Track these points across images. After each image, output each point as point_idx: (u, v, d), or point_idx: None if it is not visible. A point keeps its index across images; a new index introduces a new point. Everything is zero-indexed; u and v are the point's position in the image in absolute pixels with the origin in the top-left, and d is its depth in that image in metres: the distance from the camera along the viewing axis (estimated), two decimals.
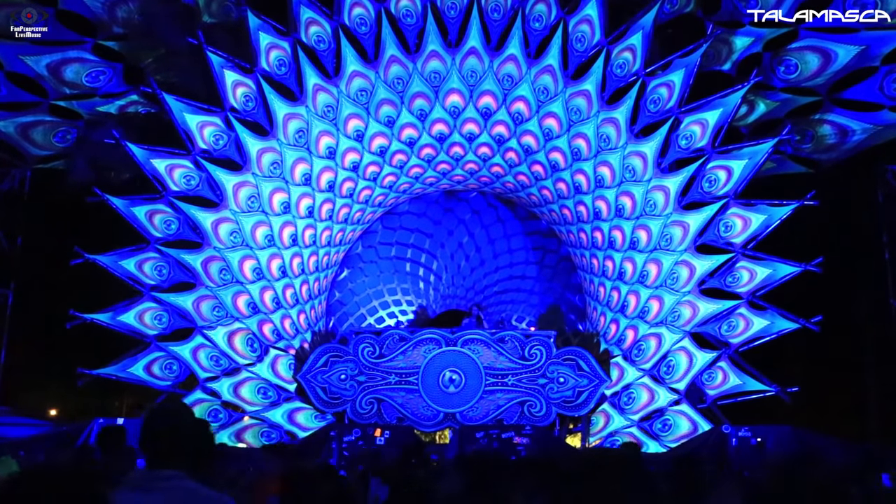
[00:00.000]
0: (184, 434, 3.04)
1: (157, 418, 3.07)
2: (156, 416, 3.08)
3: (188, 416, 3.18)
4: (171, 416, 3.10)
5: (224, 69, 15.33)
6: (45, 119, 16.27)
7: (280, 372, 17.01)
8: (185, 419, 3.13)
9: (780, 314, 15.12)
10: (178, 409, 3.20)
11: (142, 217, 15.66)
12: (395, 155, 17.60)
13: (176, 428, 3.04)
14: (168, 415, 3.12)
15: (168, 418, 3.08)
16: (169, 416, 3.10)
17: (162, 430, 3.00)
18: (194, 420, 3.19)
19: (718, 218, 15.22)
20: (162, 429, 3.01)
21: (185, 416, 3.16)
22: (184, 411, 3.21)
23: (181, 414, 3.16)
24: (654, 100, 15.40)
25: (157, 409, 3.18)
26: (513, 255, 20.08)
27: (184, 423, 3.10)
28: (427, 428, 16.35)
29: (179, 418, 3.11)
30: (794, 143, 16.16)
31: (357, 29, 16.15)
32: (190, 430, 3.11)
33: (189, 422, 3.13)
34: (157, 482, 2.84)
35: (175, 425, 3.05)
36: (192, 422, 3.16)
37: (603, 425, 16.50)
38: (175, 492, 2.82)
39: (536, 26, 15.95)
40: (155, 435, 2.98)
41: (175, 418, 3.10)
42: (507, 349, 16.44)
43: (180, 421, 3.09)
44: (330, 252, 18.31)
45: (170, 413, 3.14)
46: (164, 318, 16.25)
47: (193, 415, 3.22)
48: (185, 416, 3.16)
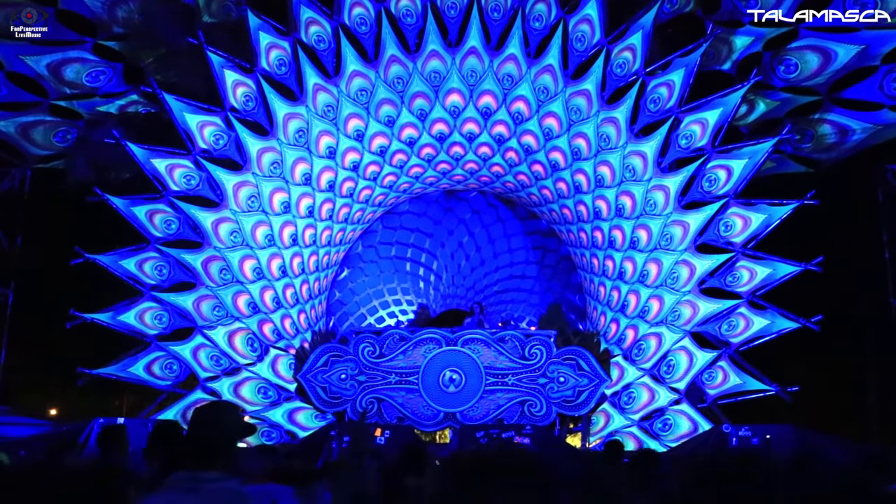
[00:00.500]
0: (229, 435, 3.04)
1: (204, 419, 3.05)
2: (202, 418, 3.07)
3: (234, 416, 3.15)
4: (218, 418, 3.08)
5: (224, 69, 15.34)
6: (45, 119, 16.29)
7: (280, 371, 17.02)
8: (231, 420, 3.10)
9: (781, 314, 15.12)
10: (223, 409, 3.17)
11: (142, 217, 15.67)
12: (396, 154, 17.62)
13: (222, 429, 3.02)
14: (215, 416, 3.10)
15: (215, 419, 3.06)
16: (216, 418, 3.07)
17: (208, 432, 2.99)
18: (240, 421, 3.17)
19: (718, 217, 15.22)
20: (207, 430, 3.00)
21: (231, 416, 3.13)
22: (230, 411, 3.18)
23: (227, 414, 3.13)
24: (654, 99, 15.40)
25: (203, 410, 3.16)
26: (513, 255, 20.08)
27: (230, 423, 3.08)
28: (427, 427, 16.35)
29: (226, 419, 3.09)
30: (794, 143, 16.16)
31: (357, 29, 16.16)
32: (236, 431, 3.09)
33: (235, 422, 3.11)
34: (201, 483, 2.84)
35: (222, 426, 3.03)
36: (239, 422, 3.14)
37: (603, 425, 16.50)
38: (221, 493, 2.81)
39: (536, 26, 15.96)
40: (200, 436, 2.99)
41: (221, 419, 3.07)
42: (507, 349, 16.44)
43: (227, 421, 3.07)
44: (330, 252, 18.32)
45: (216, 414, 3.11)
46: (164, 317, 16.25)
47: (238, 414, 3.18)
48: (231, 416, 3.13)
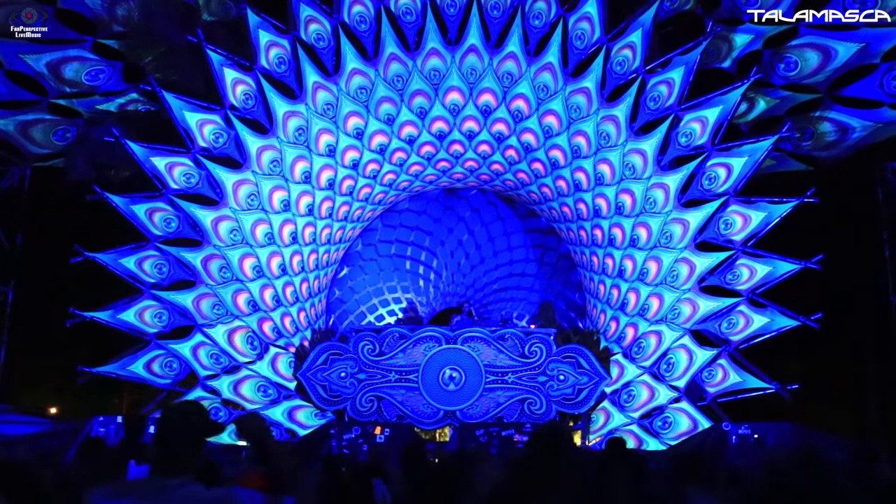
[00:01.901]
0: (194, 436, 3.04)
1: (169, 421, 3.04)
2: (167, 419, 3.06)
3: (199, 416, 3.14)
4: (183, 419, 3.06)
5: (224, 67, 15.33)
6: (44, 117, 16.27)
7: (280, 370, 17.02)
8: (197, 420, 3.09)
9: (780, 311, 15.10)
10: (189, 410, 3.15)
11: (142, 215, 15.66)
12: (395, 153, 17.61)
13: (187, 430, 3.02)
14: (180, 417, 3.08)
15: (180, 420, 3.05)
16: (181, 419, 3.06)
17: (173, 433, 2.99)
18: (206, 420, 3.15)
19: (718, 215, 15.21)
20: (173, 432, 2.99)
21: (196, 416, 3.12)
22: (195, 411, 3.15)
23: (193, 415, 3.12)
24: (653, 97, 15.39)
25: (169, 411, 3.14)
26: (513, 253, 20.08)
27: (195, 424, 3.07)
28: (427, 426, 16.36)
29: (191, 419, 3.08)
30: (794, 141, 16.14)
31: (357, 27, 16.15)
32: (201, 431, 3.08)
33: (200, 423, 3.10)
34: (167, 490, 2.85)
35: (187, 427, 3.03)
36: (205, 422, 3.12)
37: (603, 423, 16.50)
38: (186, 498, 2.83)
39: (536, 24, 15.95)
40: (165, 440, 2.99)
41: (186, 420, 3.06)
42: (507, 347, 16.44)
43: (192, 422, 3.06)
44: (330, 250, 18.32)
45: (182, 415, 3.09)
46: (164, 316, 16.25)
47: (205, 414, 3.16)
48: (196, 416, 3.12)
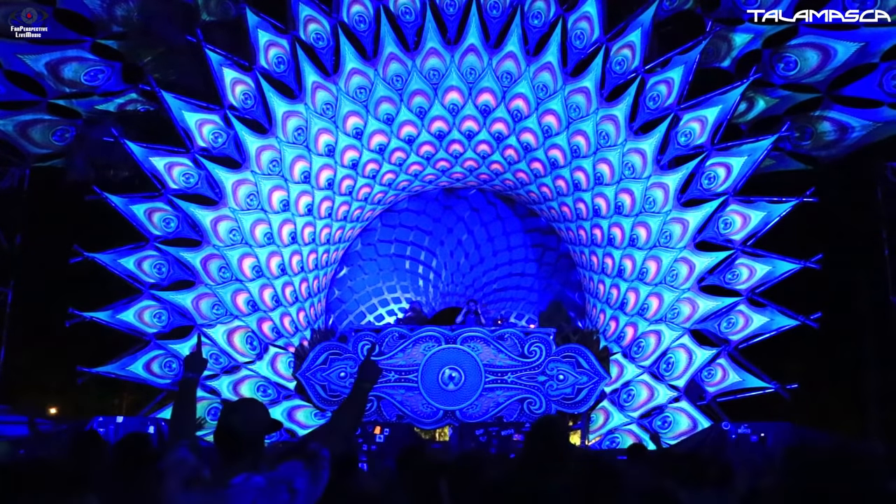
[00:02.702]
0: (256, 431, 3.04)
1: (232, 416, 3.05)
2: (231, 413, 3.07)
3: (261, 412, 3.15)
4: (247, 414, 3.08)
5: (223, 67, 15.32)
6: (43, 117, 16.26)
7: (279, 370, 17.02)
8: (259, 416, 3.10)
9: (780, 311, 15.10)
10: (251, 406, 3.17)
11: (141, 215, 15.66)
12: (395, 153, 17.61)
13: (250, 425, 3.03)
14: (243, 412, 3.09)
15: (243, 415, 3.06)
16: (244, 416, 3.07)
17: (237, 430, 3.00)
18: (268, 417, 3.16)
19: (718, 215, 15.21)
20: (237, 428, 3.00)
21: (258, 412, 3.13)
22: (257, 408, 3.17)
23: (255, 410, 3.13)
24: (653, 97, 15.39)
25: (232, 406, 3.15)
26: (512, 253, 20.08)
27: (258, 421, 3.08)
28: (427, 425, 16.35)
29: (254, 415, 3.09)
30: (794, 140, 16.14)
31: (356, 26, 16.14)
32: (263, 427, 3.10)
33: (262, 418, 3.11)
34: (228, 482, 2.87)
35: (250, 422, 3.04)
36: (266, 419, 3.14)
37: (602, 422, 16.50)
38: (248, 490, 2.83)
39: (535, 23, 15.94)
40: (229, 434, 3.00)
41: (250, 415, 3.07)
42: (506, 346, 16.44)
43: (255, 417, 3.08)
44: (329, 250, 18.32)
45: (245, 412, 3.11)
46: (163, 316, 16.25)
47: (266, 411, 3.19)
48: (258, 412, 3.13)
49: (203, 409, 16.03)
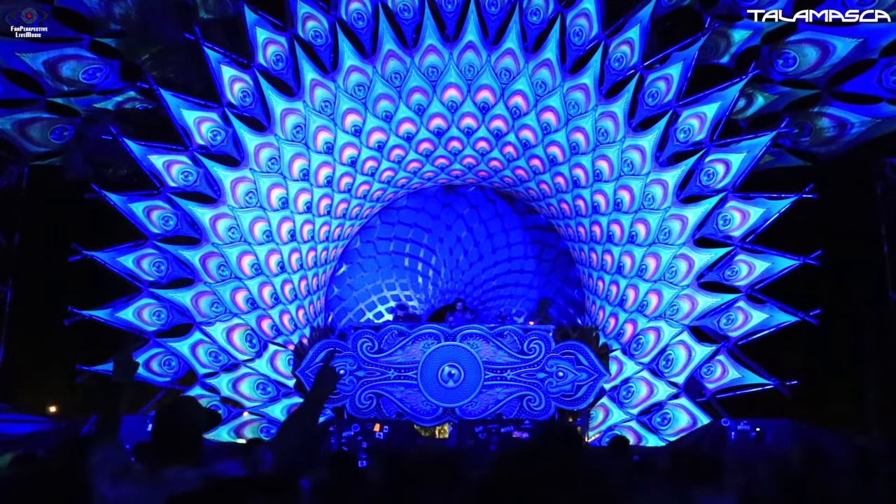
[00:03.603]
0: (193, 431, 3.06)
1: (167, 418, 3.07)
2: (165, 416, 3.09)
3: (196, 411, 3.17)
4: (181, 415, 3.10)
5: (221, 65, 15.31)
6: (42, 116, 16.25)
7: (279, 367, 17.03)
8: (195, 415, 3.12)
9: (779, 307, 15.10)
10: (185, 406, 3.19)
11: (140, 213, 15.66)
12: (393, 150, 17.60)
13: (186, 426, 3.05)
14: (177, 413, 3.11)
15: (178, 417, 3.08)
16: (179, 415, 3.09)
17: (172, 430, 3.02)
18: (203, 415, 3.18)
19: (717, 211, 15.20)
20: (172, 428, 3.02)
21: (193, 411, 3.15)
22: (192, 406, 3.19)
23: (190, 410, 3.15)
24: (652, 93, 15.37)
25: (166, 408, 3.18)
26: (511, 250, 20.07)
27: (194, 419, 3.10)
28: (426, 423, 16.35)
29: (189, 415, 3.11)
30: (793, 137, 16.12)
31: (354, 24, 16.11)
32: (200, 426, 3.12)
33: (198, 417, 3.13)
34: (163, 477, 2.90)
35: (185, 423, 3.06)
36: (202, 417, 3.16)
37: (602, 419, 16.51)
38: (178, 482, 2.85)
39: (534, 20, 15.92)
40: (163, 434, 3.02)
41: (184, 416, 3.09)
42: (505, 343, 16.43)
43: (191, 418, 3.09)
44: (328, 247, 18.31)
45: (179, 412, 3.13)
46: (162, 314, 16.25)
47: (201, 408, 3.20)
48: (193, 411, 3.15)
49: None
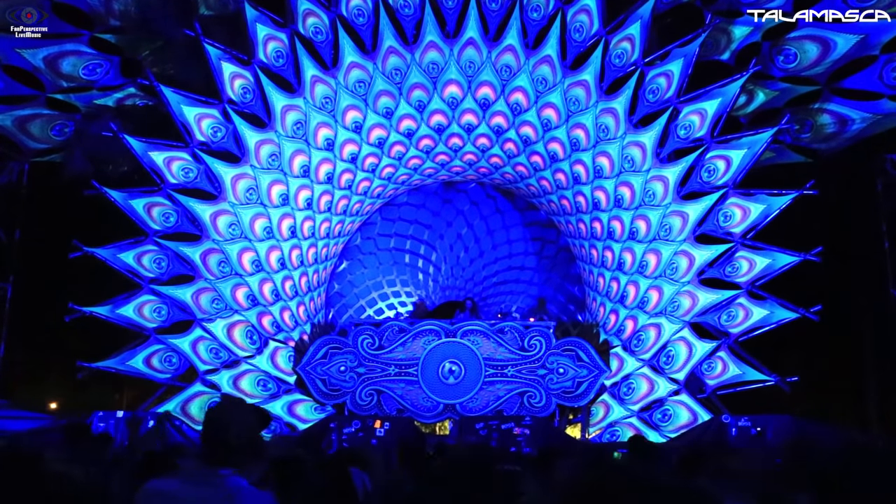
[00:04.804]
0: (244, 432, 3.04)
1: (220, 419, 3.05)
2: (218, 413, 3.08)
3: (250, 412, 3.15)
4: (235, 417, 3.08)
5: (222, 61, 15.30)
6: (42, 112, 16.22)
7: (279, 364, 17.03)
8: (249, 416, 3.11)
9: (780, 304, 15.11)
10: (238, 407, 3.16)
11: (140, 210, 15.65)
12: (394, 146, 17.58)
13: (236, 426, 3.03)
14: (231, 415, 3.09)
15: (231, 419, 3.06)
16: (233, 417, 3.07)
17: (223, 428, 3.00)
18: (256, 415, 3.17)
19: (717, 208, 15.20)
20: (224, 426, 3.01)
21: (247, 412, 3.13)
22: (244, 407, 3.18)
23: (243, 411, 3.13)
24: (652, 90, 15.36)
25: (220, 405, 3.16)
26: (512, 246, 20.07)
27: (245, 421, 3.08)
28: (427, 419, 16.36)
29: (243, 417, 3.09)
30: (794, 133, 16.10)
31: (355, 20, 16.10)
32: (251, 428, 3.10)
33: (251, 420, 3.11)
34: (211, 478, 2.87)
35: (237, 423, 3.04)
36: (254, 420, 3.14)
37: (603, 415, 16.52)
38: (227, 490, 2.84)
39: (534, 16, 15.90)
40: (216, 432, 3.00)
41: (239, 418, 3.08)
42: (506, 340, 16.43)
43: (245, 419, 3.08)
44: (329, 244, 18.30)
45: (233, 413, 3.11)
46: (163, 310, 16.25)
47: (255, 412, 3.18)
48: (247, 412, 3.13)
49: (203, 404, 16.06)
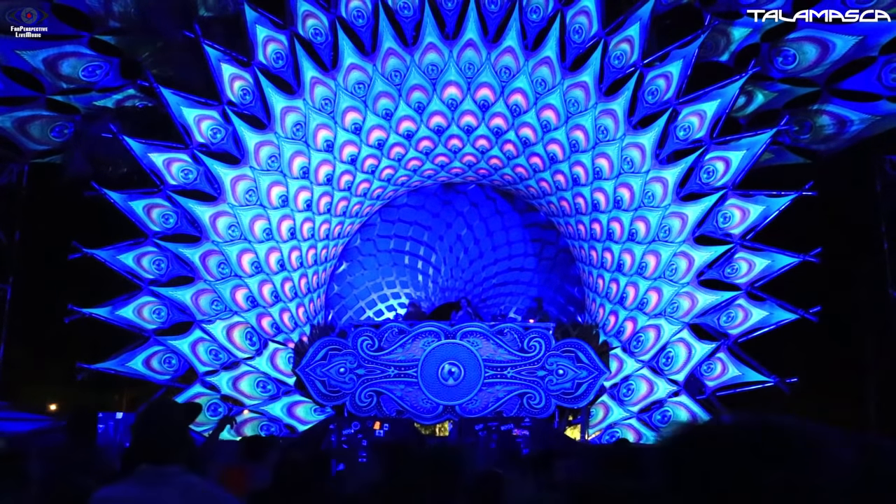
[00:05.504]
0: (178, 430, 3.08)
1: (151, 415, 3.10)
2: (149, 414, 3.12)
3: (179, 412, 3.22)
4: (164, 413, 3.14)
5: (221, 63, 15.31)
6: (42, 114, 16.25)
7: (279, 365, 17.03)
8: (176, 415, 3.16)
9: (779, 305, 15.11)
10: (169, 406, 3.23)
11: (140, 211, 15.65)
12: (393, 148, 17.59)
13: (170, 424, 3.07)
14: (160, 412, 3.15)
15: (161, 415, 3.11)
16: (161, 413, 3.13)
17: (157, 427, 3.04)
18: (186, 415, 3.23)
19: (717, 209, 15.21)
20: (157, 425, 3.04)
21: (175, 412, 3.20)
22: (175, 407, 3.25)
23: (173, 410, 3.20)
24: (651, 91, 15.38)
25: (149, 407, 3.22)
26: (511, 247, 20.07)
27: (176, 418, 3.12)
28: (426, 420, 16.35)
29: (172, 414, 3.14)
30: (793, 134, 16.12)
31: (354, 22, 16.11)
32: (182, 425, 3.15)
33: (181, 418, 3.17)
34: (161, 477, 2.87)
35: (169, 421, 3.09)
36: (184, 417, 3.20)
37: (602, 417, 16.52)
38: (180, 487, 2.85)
39: (534, 18, 15.92)
40: (150, 431, 3.03)
41: (168, 414, 3.13)
42: (506, 341, 16.42)
43: (174, 417, 3.12)
44: (328, 245, 18.31)
45: (162, 410, 3.18)
46: (162, 312, 16.25)
47: (184, 411, 3.25)
48: (175, 412, 3.20)
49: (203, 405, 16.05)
